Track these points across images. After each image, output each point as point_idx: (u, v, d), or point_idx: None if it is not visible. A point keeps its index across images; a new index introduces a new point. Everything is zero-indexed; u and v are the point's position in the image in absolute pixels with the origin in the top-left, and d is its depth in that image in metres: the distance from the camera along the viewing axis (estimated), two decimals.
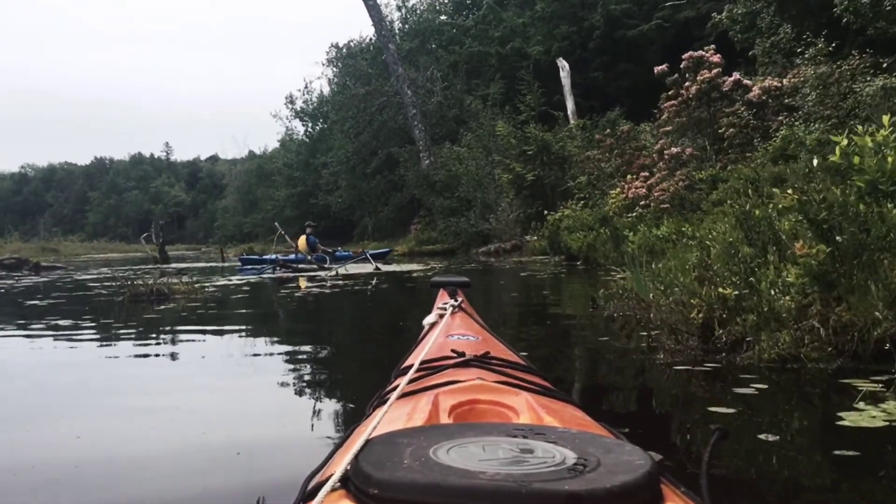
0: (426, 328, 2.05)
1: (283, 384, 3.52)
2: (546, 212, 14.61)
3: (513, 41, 34.19)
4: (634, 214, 12.26)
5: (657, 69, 12.17)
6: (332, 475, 0.79)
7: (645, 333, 4.15)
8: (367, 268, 12.75)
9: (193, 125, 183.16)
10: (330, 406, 3.14)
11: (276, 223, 13.76)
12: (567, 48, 32.54)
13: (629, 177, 13.36)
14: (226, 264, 17.95)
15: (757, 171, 9.12)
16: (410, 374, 1.32)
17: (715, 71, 11.33)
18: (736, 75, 11.45)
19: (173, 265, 18.46)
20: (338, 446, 1.07)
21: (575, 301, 7.26)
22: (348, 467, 0.79)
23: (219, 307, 7.26)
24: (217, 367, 4.07)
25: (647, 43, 32.51)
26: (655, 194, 11.97)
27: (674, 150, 12.41)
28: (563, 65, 28.36)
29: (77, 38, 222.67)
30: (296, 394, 3.35)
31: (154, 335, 5.56)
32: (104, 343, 5.02)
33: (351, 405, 2.97)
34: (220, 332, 5.57)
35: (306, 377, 3.77)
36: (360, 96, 31.07)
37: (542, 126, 21.11)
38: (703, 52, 11.71)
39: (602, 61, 32.90)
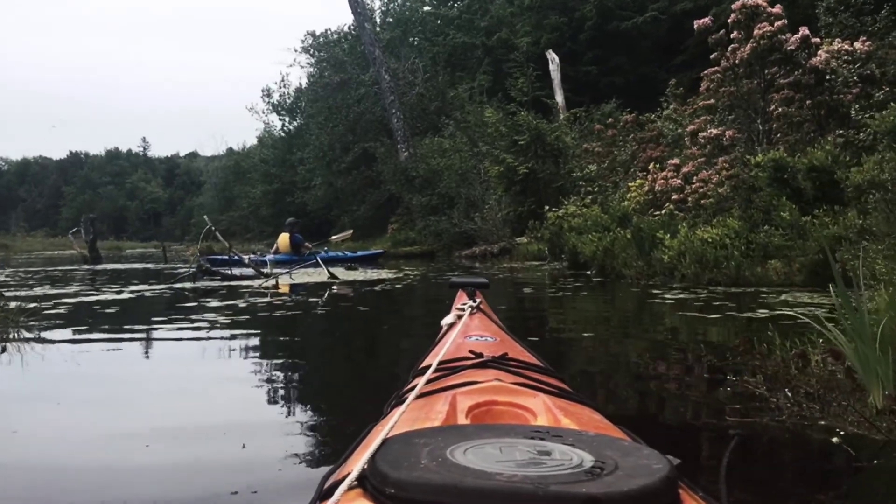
0: (444, 328, 1.97)
1: None
2: (547, 207, 11.57)
3: (499, 32, 31.35)
4: (664, 212, 9.30)
5: (698, 23, 9.20)
6: (348, 474, 0.76)
7: None
8: (320, 275, 9.63)
9: (173, 122, 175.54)
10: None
11: (205, 216, 10.60)
12: (557, 40, 29.73)
13: (653, 166, 10.40)
14: (165, 265, 14.70)
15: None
16: (428, 375, 1.28)
17: (778, 23, 8.37)
18: (805, 30, 8.50)
19: (104, 266, 15.25)
20: (355, 445, 1.02)
21: (653, 349, 4.06)
22: (365, 466, 0.76)
23: None
24: None
25: (641, 36, 29.80)
26: (694, 186, 9.02)
27: (712, 131, 9.45)
28: (553, 57, 25.68)
29: (51, 30, 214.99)
30: None
31: None
32: None
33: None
34: None
35: None
36: (334, 85, 27.90)
37: (537, 114, 18.13)
38: (758, 1, 8.74)
39: (594, 55, 30.13)
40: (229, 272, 9.40)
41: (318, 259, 10.10)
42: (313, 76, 35.30)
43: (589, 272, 10.23)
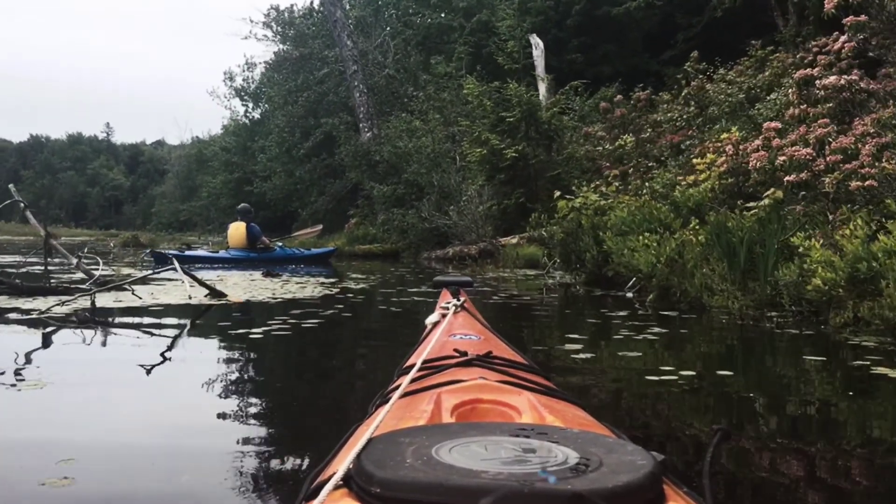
0: (429, 328, 1.88)
1: None
2: (558, 194, 7.60)
3: (479, 13, 27.47)
4: (765, 202, 5.34)
5: None
6: (334, 474, 0.71)
7: None
8: (191, 289, 5.37)
9: (140, 108, 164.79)
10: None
11: (11, 185, 6.46)
12: (541, 24, 25.93)
13: (732, 132, 6.46)
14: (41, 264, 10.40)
15: None
16: (413, 374, 1.18)
17: None
18: None
19: None
20: (340, 445, 0.95)
21: None
22: (350, 466, 0.71)
23: None
24: None
25: (632, 24, 26.16)
26: (829, 159, 5.10)
27: (844, 77, 5.57)
28: (537, 42, 21.87)
29: (13, 13, 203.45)
30: None
31: None
32: None
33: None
34: None
35: None
36: (293, 60, 23.65)
37: (528, 87, 14.21)
38: None
39: (581, 42, 26.39)
40: (47, 284, 5.26)
41: (177, 265, 5.92)
42: (275, 55, 31.09)
43: (629, 294, 6.29)
